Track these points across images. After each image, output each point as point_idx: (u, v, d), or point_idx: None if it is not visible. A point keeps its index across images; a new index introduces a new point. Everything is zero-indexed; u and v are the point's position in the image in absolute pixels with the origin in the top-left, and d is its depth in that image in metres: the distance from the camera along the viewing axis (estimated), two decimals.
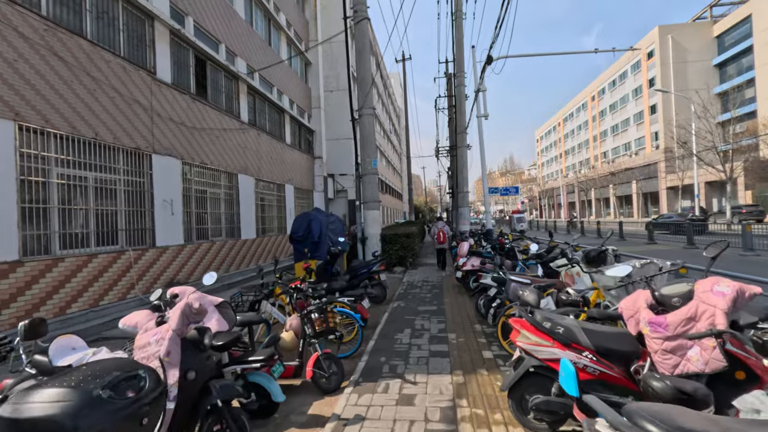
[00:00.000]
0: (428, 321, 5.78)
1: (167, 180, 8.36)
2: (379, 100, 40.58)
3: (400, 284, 9.30)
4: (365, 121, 11.38)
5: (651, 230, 17.32)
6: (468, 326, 5.42)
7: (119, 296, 7.07)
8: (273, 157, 13.98)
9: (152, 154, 7.96)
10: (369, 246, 11.34)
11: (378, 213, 11.47)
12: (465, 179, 17.40)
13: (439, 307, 6.67)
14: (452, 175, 22.87)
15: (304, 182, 16.98)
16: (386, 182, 41.26)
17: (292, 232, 9.05)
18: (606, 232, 4.21)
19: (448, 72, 23.62)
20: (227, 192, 11.08)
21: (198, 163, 9.55)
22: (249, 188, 12.08)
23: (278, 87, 14.74)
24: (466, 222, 17.00)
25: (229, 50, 11.32)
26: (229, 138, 11.08)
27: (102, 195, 6.87)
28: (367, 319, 5.53)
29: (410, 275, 10.68)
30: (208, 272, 3.80)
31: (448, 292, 8.09)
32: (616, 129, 49.14)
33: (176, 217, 8.62)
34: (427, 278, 10.10)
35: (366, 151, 11.39)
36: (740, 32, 35.58)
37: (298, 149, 16.67)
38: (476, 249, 8.12)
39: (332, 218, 9.87)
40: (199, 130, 9.64)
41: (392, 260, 11.34)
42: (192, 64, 9.72)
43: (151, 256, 7.85)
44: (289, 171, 15.34)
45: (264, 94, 13.34)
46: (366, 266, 7.17)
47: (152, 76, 8.12)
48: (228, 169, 10.95)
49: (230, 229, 11.16)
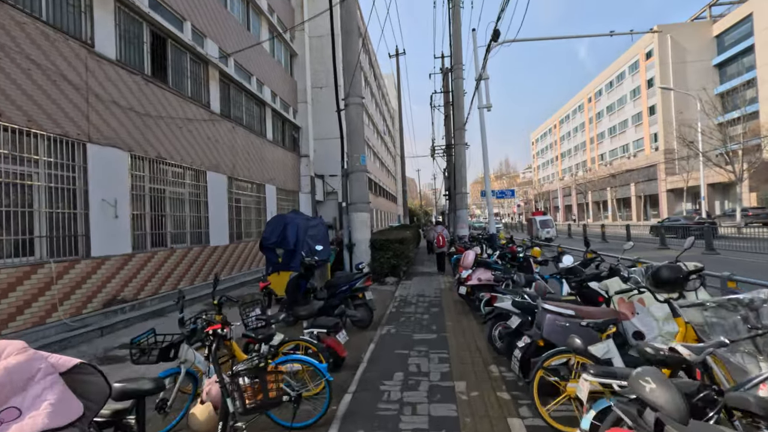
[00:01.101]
0: (426, 358, 4.37)
1: (109, 175, 6.89)
2: (373, 99, 39.31)
3: (392, 300, 7.88)
4: (352, 112, 10.00)
5: (662, 234, 16.10)
6: (481, 368, 4.02)
7: (35, 321, 5.57)
8: (251, 153, 12.53)
9: (87, 144, 6.49)
10: (357, 253, 9.92)
11: (367, 216, 10.07)
12: (463, 179, 16.08)
13: (440, 334, 5.26)
14: (449, 176, 21.57)
15: (288, 182, 15.54)
16: (380, 185, 39.96)
17: (263, 238, 7.62)
18: (686, 242, 2.91)
19: (444, 67, 22.39)
20: (193, 192, 9.61)
21: (154, 156, 8.08)
22: (221, 188, 10.61)
23: (258, 77, 13.32)
24: (464, 225, 15.65)
25: (196, 29, 9.89)
26: (196, 130, 9.63)
27: (9, 192, 5.38)
28: (344, 358, 4.11)
29: (404, 287, 9.27)
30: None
31: (450, 311, 6.69)
32: (614, 131, 48.34)
33: (121, 221, 7.13)
34: (423, 291, 8.69)
35: (353, 145, 10.00)
36: (740, 32, 34.90)
37: (281, 146, 15.23)
38: (483, 258, 6.75)
39: (313, 222, 8.46)
40: (156, 118, 8.18)
41: (383, 270, 9.92)
42: (147, 41, 8.27)
43: (84, 269, 6.36)
44: (270, 169, 13.89)
45: (240, 83, 11.91)
46: (348, 282, 5.75)
47: (89, 48, 6.66)
48: (194, 166, 9.48)
49: (197, 235, 9.67)
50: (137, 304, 7.32)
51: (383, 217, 42.69)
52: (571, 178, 57.92)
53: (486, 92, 10.74)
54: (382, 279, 9.91)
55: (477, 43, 11.34)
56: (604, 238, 21.08)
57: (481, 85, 10.80)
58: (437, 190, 65.45)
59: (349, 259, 10.06)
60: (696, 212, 28.22)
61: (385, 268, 9.92)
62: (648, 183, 40.56)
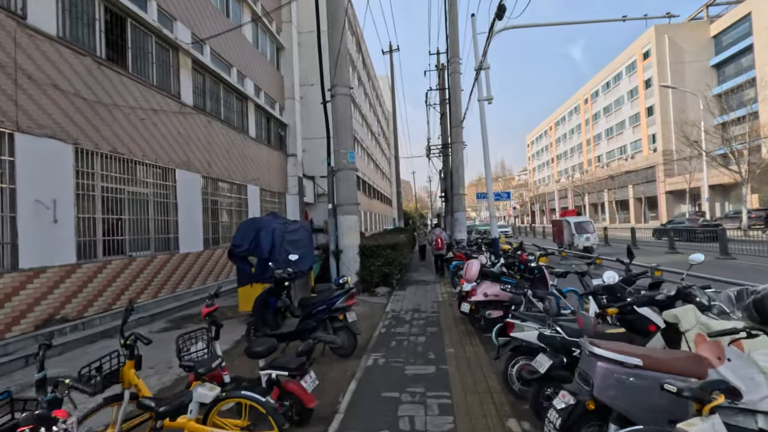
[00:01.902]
0: (422, 405, 3.34)
1: (45, 172, 5.79)
2: (367, 99, 38.38)
3: (383, 316, 6.84)
4: (339, 103, 8.99)
5: (671, 237, 15.21)
6: (496, 422, 2.99)
7: None
8: (231, 151, 11.46)
9: (15, 133, 5.40)
10: (345, 261, 8.89)
11: (356, 219, 9.06)
12: (461, 179, 15.11)
13: (440, 367, 4.23)
14: (445, 177, 20.61)
15: (273, 183, 14.46)
16: (374, 187, 39.00)
17: (233, 246, 6.54)
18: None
19: (440, 64, 21.50)
20: (160, 192, 8.52)
21: (107, 151, 6.99)
22: (193, 188, 9.52)
23: (239, 68, 12.27)
24: (462, 228, 14.67)
25: (164, 11, 8.84)
26: (163, 123, 8.56)
27: None
28: (311, 410, 3.07)
29: (396, 300, 8.23)
30: None
31: (450, 332, 5.66)
32: (611, 132, 47.80)
33: (62, 226, 6.03)
34: (418, 305, 7.66)
35: (340, 139, 8.99)
36: (738, 32, 34.50)
37: (266, 144, 14.17)
38: (489, 269, 5.74)
39: (292, 226, 7.40)
40: (110, 107, 7.10)
41: (374, 279, 8.87)
42: (100, 18, 7.20)
43: (9, 283, 5.25)
44: (253, 169, 12.82)
45: (217, 73, 10.85)
46: (325, 301, 4.70)
47: (18, 20, 5.59)
48: (160, 163, 8.40)
49: (163, 241, 8.58)
50: (83, 324, 6.21)
51: (379, 220, 41.66)
52: (568, 181, 57.35)
53: (487, 83, 9.79)
54: (372, 289, 8.86)
55: (477, 29, 10.37)
56: (607, 242, 20.24)
57: (482, 75, 9.85)
58: (432, 193, 64.55)
59: (336, 267, 9.02)
60: (697, 214, 27.52)
61: (376, 278, 8.87)
62: (646, 185, 39.94)
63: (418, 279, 11.17)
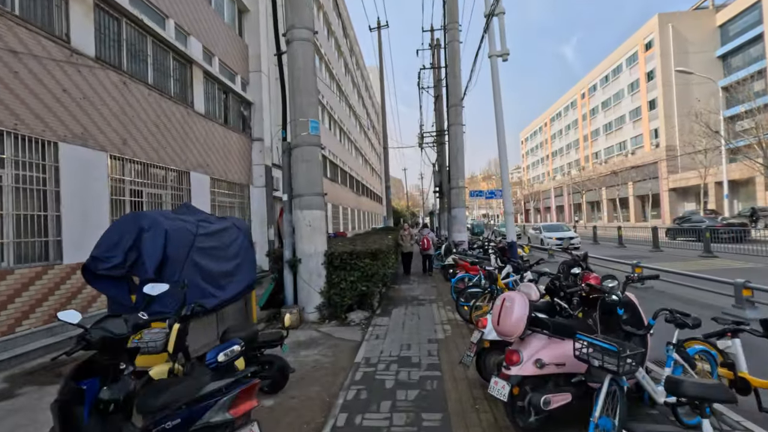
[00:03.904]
0: None
1: None
2: (355, 89, 35.68)
3: (348, 375, 4.22)
4: (297, 51, 6.36)
5: (707, 239, 12.88)
6: None
7: None
8: (164, 126, 8.72)
9: None
10: (304, 275, 6.29)
11: (321, 214, 6.44)
12: (460, 170, 12.58)
13: None
14: (440, 169, 18.08)
15: (232, 172, 11.74)
16: (364, 183, 36.42)
17: (93, 258, 3.86)
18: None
19: (434, 41, 18.95)
20: (25, 175, 5.76)
21: None
22: (93, 172, 6.77)
23: (179, 22, 9.52)
24: (462, 228, 12.14)
25: None
26: (35, 74, 5.81)
27: None
28: None
29: (375, 336, 5.58)
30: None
31: (460, 420, 3.08)
32: (610, 127, 45.93)
33: None
34: (407, 347, 5.05)
35: (297, 103, 6.36)
36: (746, 20, 32.72)
37: (222, 124, 11.43)
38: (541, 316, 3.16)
39: (214, 226, 4.77)
40: None
41: (344, 302, 6.23)
42: None
43: None
44: (199, 152, 10.09)
45: (141, 20, 8.09)
46: (184, 408, 2.07)
47: None
48: (25, 132, 5.65)
49: (33, 248, 5.83)
50: None
51: (368, 218, 39.04)
52: (564, 178, 55.48)
53: (501, 33, 7.24)
54: (343, 315, 6.23)
55: None
56: (621, 243, 17.97)
57: (494, 22, 7.30)
58: (424, 191, 62.09)
59: (293, 283, 6.39)
60: (710, 212, 25.57)
61: (348, 299, 6.23)
62: (648, 181, 38.00)
63: (407, 295, 8.57)
